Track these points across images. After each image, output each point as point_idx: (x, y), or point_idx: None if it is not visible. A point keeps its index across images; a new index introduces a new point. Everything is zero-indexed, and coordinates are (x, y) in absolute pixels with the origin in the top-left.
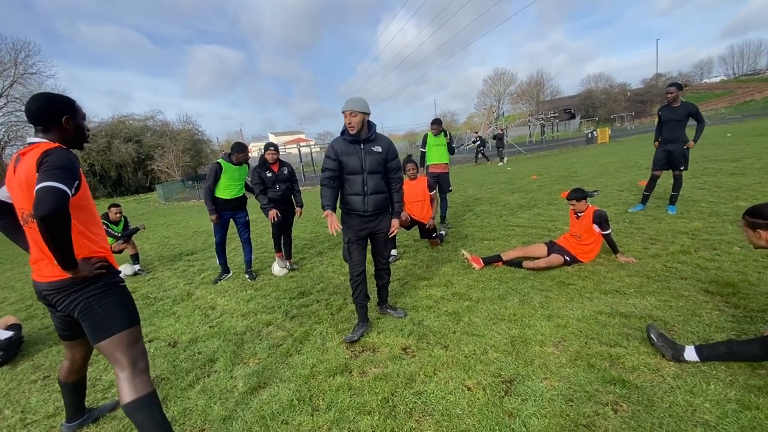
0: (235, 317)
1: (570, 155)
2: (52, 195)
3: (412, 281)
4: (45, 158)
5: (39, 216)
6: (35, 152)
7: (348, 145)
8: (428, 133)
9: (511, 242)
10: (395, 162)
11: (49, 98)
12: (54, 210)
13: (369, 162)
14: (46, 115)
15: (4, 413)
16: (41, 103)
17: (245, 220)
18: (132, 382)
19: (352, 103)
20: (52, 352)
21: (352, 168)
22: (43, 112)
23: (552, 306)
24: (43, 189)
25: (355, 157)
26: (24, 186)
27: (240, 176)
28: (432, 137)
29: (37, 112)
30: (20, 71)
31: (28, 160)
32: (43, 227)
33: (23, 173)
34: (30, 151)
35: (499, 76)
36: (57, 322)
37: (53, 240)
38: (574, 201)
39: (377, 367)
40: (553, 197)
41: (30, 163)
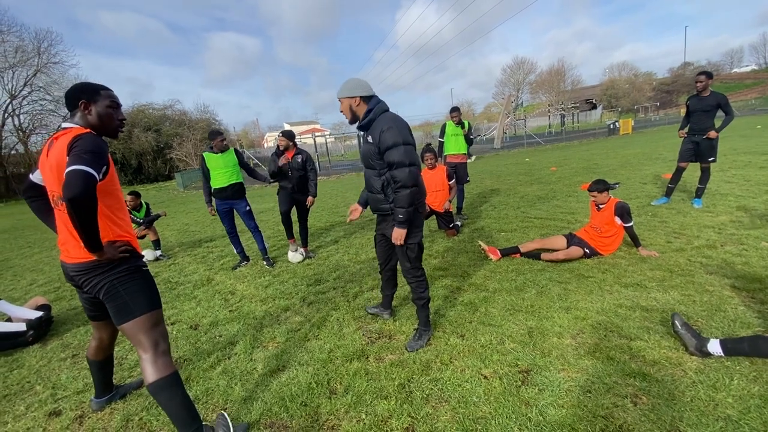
0: (254, 302)
1: (591, 146)
2: (80, 178)
3: (427, 271)
4: (75, 143)
5: (67, 198)
6: (67, 137)
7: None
8: (447, 122)
9: (529, 234)
10: (388, 155)
11: (75, 84)
12: (82, 192)
13: (363, 154)
14: (69, 100)
15: (35, 389)
16: (69, 89)
17: (246, 209)
18: (154, 364)
19: (339, 90)
20: (80, 331)
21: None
22: (67, 96)
23: (571, 298)
24: (72, 172)
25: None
26: (55, 169)
27: (225, 163)
28: (451, 126)
29: (65, 97)
30: (43, 60)
31: (59, 144)
32: (70, 209)
33: (54, 157)
34: (62, 135)
35: (519, 65)
36: (84, 302)
37: (80, 222)
38: (595, 192)
39: (393, 354)
40: (573, 189)
41: (61, 147)
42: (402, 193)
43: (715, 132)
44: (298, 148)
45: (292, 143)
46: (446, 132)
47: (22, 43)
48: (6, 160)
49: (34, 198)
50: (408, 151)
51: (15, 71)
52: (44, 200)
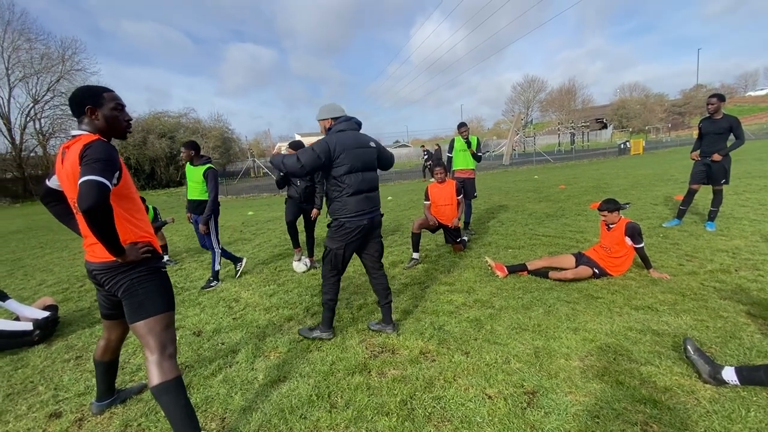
0: (257, 311)
1: (601, 166)
2: (92, 188)
3: (433, 285)
4: (85, 151)
5: (82, 209)
6: (77, 145)
7: None
8: (456, 138)
9: (537, 252)
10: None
11: (77, 89)
12: (95, 203)
13: None
14: (74, 106)
15: (38, 389)
16: (72, 94)
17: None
18: (160, 366)
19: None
20: (85, 333)
21: None
22: (71, 102)
23: (579, 319)
24: (84, 183)
25: None
26: (71, 178)
27: (194, 177)
28: (460, 142)
29: (69, 103)
30: (67, 67)
31: (72, 152)
32: (87, 219)
33: (69, 166)
34: (73, 144)
35: (529, 83)
36: (102, 300)
37: (98, 230)
38: (605, 212)
39: (396, 369)
40: (582, 208)
41: (74, 156)
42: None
43: (718, 155)
44: None
45: None
46: (455, 147)
47: (48, 51)
48: (25, 162)
49: (52, 203)
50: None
51: (39, 77)
52: (64, 205)
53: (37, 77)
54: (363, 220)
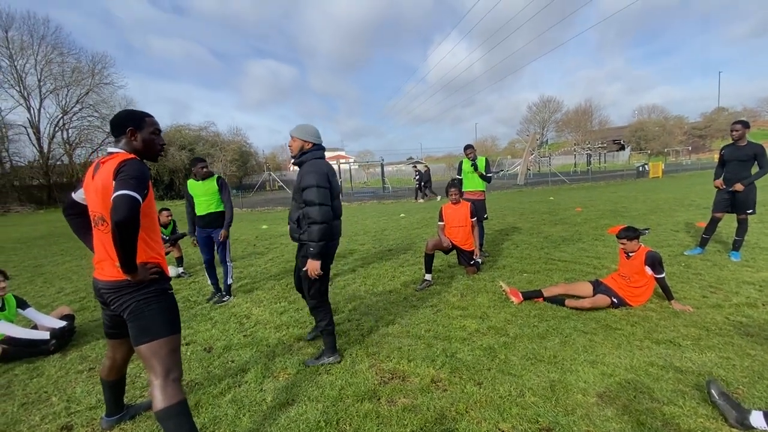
0: (268, 329)
1: (618, 188)
2: (126, 202)
3: (445, 309)
4: (122, 168)
5: (115, 221)
6: (113, 162)
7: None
8: (463, 160)
9: (553, 277)
10: (304, 193)
11: (121, 112)
12: (127, 216)
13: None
14: (116, 126)
15: (51, 400)
16: (116, 116)
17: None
18: (164, 390)
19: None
20: (99, 344)
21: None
22: (114, 123)
23: (597, 351)
24: (119, 197)
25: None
26: (100, 191)
27: (206, 191)
28: (467, 163)
29: (111, 123)
30: (96, 81)
31: (106, 168)
32: (116, 231)
33: (101, 180)
34: (109, 160)
35: (545, 103)
36: (106, 319)
37: (122, 243)
38: (625, 240)
39: (406, 398)
40: (600, 233)
41: (108, 172)
42: (313, 228)
43: (741, 185)
44: None
45: None
46: (463, 169)
47: (79, 65)
48: (51, 170)
49: (74, 215)
50: (321, 193)
51: (69, 89)
52: (84, 218)
53: (67, 89)
54: (336, 242)
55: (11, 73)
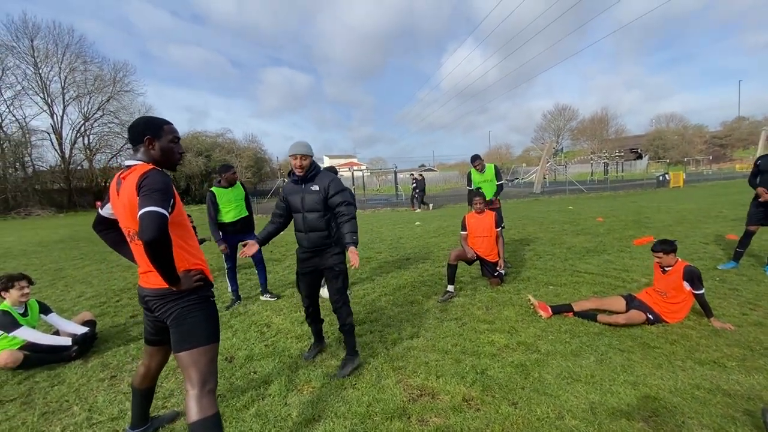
0: (289, 338)
1: (638, 198)
2: (153, 220)
3: (471, 323)
4: (143, 182)
5: (145, 241)
6: (134, 176)
7: (293, 185)
8: (471, 171)
9: (581, 290)
10: (338, 197)
11: (139, 119)
12: (157, 234)
13: (307, 201)
14: (133, 135)
15: (73, 409)
16: (132, 124)
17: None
18: (199, 402)
19: (300, 147)
20: (120, 351)
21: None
22: (131, 132)
23: (636, 371)
24: (146, 214)
25: (297, 196)
26: (128, 207)
27: (235, 197)
28: (476, 174)
29: (129, 131)
30: (117, 89)
31: (128, 183)
32: (148, 250)
33: (126, 196)
34: (129, 174)
35: (560, 112)
36: (148, 325)
37: (157, 260)
38: (661, 253)
39: (438, 417)
40: (625, 244)
41: (131, 187)
42: (353, 222)
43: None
44: None
45: None
46: (473, 180)
47: (101, 73)
48: (72, 175)
49: (104, 231)
50: (350, 193)
51: (91, 97)
52: (116, 232)
53: (89, 97)
54: None
55: (36, 80)
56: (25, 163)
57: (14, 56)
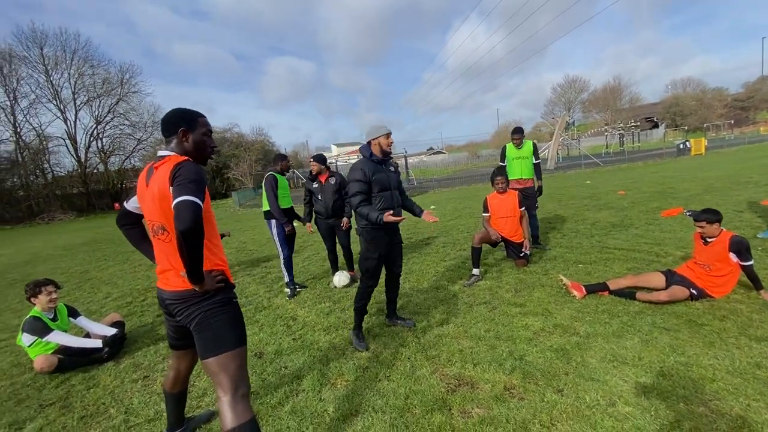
0: (317, 331)
1: (659, 168)
2: (189, 209)
3: (501, 306)
4: (177, 171)
5: (180, 230)
6: (167, 165)
7: (376, 165)
8: (507, 145)
9: (613, 267)
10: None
11: (173, 111)
12: (192, 223)
13: (394, 179)
14: (167, 127)
15: (109, 412)
16: (166, 115)
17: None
18: (233, 408)
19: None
20: (150, 351)
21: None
22: (165, 123)
23: (687, 351)
24: (181, 203)
25: (384, 174)
26: (157, 199)
27: (287, 185)
28: (512, 149)
29: (162, 123)
30: (125, 90)
31: (161, 173)
32: (182, 240)
33: (157, 186)
34: (162, 164)
35: (570, 84)
36: (170, 330)
37: (189, 252)
38: (704, 223)
39: (480, 408)
40: (652, 216)
41: (163, 177)
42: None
43: None
44: (331, 171)
45: (325, 167)
46: (507, 155)
47: (109, 75)
48: (89, 178)
49: (128, 226)
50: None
51: (101, 100)
52: (139, 228)
53: (99, 100)
54: None
55: (48, 87)
56: (44, 169)
57: (27, 66)
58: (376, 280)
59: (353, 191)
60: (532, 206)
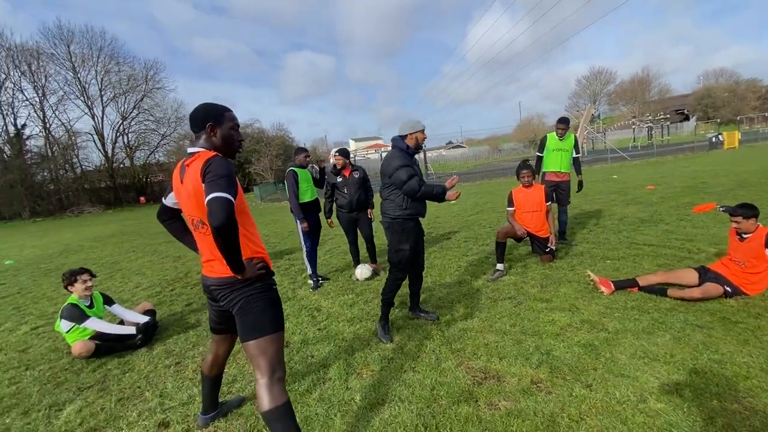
0: (341, 322)
1: (690, 162)
2: (221, 205)
3: (526, 302)
4: (207, 168)
5: (214, 227)
6: (198, 162)
7: (411, 158)
8: (549, 135)
9: (642, 264)
10: None
11: (200, 106)
12: (225, 220)
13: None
14: (195, 123)
15: (145, 395)
16: (194, 111)
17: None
18: (270, 390)
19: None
20: (181, 339)
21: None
22: (193, 119)
23: (721, 349)
24: (213, 200)
25: (416, 167)
26: (192, 195)
27: (309, 178)
28: (554, 140)
29: (190, 119)
30: (149, 86)
31: (192, 170)
32: (218, 237)
33: (191, 183)
34: (193, 161)
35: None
36: (213, 314)
37: (226, 247)
38: (740, 218)
39: (507, 400)
40: (684, 212)
41: (195, 174)
42: None
43: None
44: (353, 165)
45: (348, 161)
46: (546, 146)
47: (134, 72)
48: (116, 173)
49: (168, 221)
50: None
51: (127, 96)
52: (179, 222)
53: (124, 96)
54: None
55: (76, 84)
56: (73, 164)
57: (54, 63)
58: (406, 273)
59: (407, 175)
60: (564, 201)
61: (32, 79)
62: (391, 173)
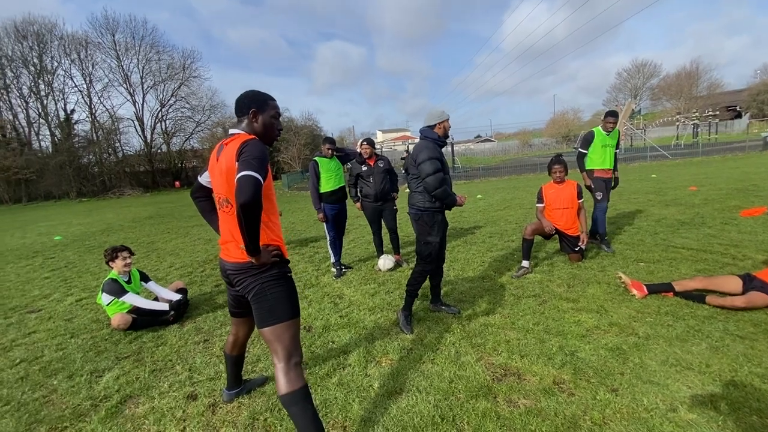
0: (362, 310)
1: (740, 163)
2: (250, 183)
3: (552, 300)
4: (244, 148)
5: (240, 202)
6: (235, 143)
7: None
8: (595, 129)
9: (680, 268)
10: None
11: (247, 92)
12: (251, 197)
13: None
14: (239, 107)
15: (176, 368)
16: (240, 96)
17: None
18: (287, 375)
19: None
20: (210, 317)
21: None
22: (239, 103)
23: (764, 362)
24: (243, 177)
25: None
26: (224, 173)
27: (335, 167)
28: (601, 135)
29: (236, 103)
30: (186, 75)
31: (229, 149)
32: (241, 213)
33: (225, 161)
34: (231, 141)
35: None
36: (231, 299)
37: (247, 225)
38: None
39: (527, 399)
40: (730, 215)
41: (231, 153)
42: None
43: None
44: (378, 155)
45: (374, 150)
46: (593, 142)
47: (173, 61)
48: (154, 158)
49: (200, 198)
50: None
51: (165, 84)
52: (209, 201)
53: (163, 84)
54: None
55: (119, 72)
56: (116, 148)
57: (101, 51)
58: (433, 265)
59: (434, 168)
60: (606, 198)
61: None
62: (420, 163)
